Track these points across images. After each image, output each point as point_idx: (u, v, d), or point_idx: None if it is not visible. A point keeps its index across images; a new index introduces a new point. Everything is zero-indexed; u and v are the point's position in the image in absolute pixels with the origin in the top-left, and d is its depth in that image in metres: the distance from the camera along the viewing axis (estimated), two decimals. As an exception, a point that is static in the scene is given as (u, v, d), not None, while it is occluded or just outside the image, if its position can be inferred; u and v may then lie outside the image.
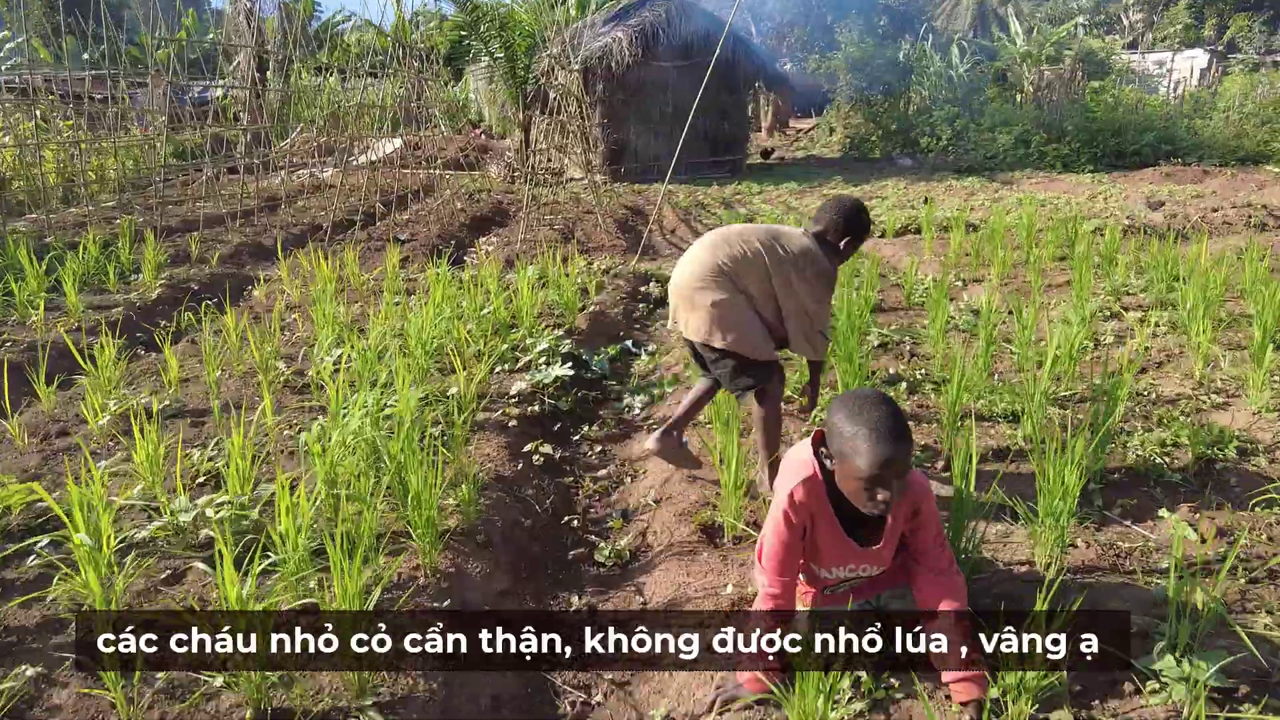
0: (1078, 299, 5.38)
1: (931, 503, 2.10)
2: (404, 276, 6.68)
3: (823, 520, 2.05)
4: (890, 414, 1.86)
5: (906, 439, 1.86)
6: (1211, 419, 3.83)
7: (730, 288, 2.93)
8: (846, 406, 1.92)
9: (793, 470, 2.08)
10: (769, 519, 2.09)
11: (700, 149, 15.04)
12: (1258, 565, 2.66)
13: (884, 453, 1.81)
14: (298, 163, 14.24)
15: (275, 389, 4.06)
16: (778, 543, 2.04)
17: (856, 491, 1.90)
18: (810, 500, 2.02)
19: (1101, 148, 14.25)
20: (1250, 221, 8.66)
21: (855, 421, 1.87)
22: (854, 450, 1.85)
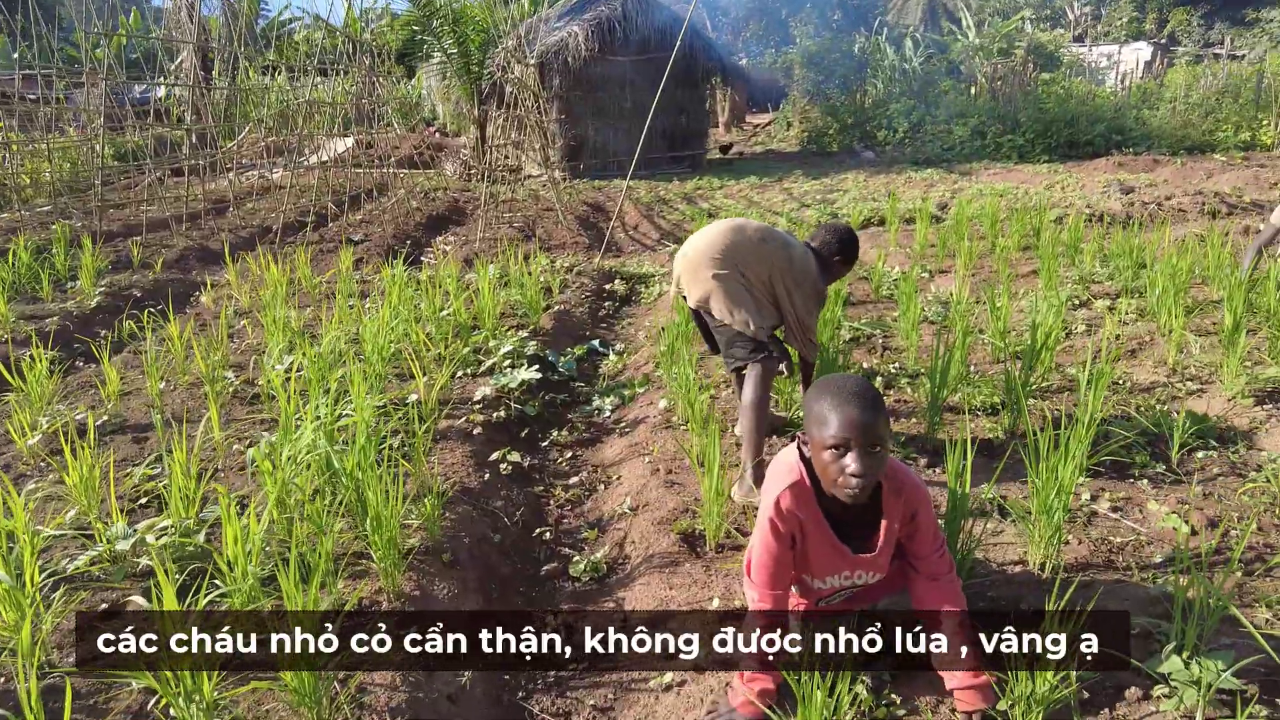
0: (1048, 289, 5.35)
1: (929, 509, 1.99)
2: (358, 278, 6.44)
3: (813, 527, 1.94)
4: (859, 383, 1.83)
5: (875, 406, 1.79)
6: (1189, 406, 3.79)
7: (733, 269, 3.10)
8: (817, 387, 1.89)
9: (779, 475, 1.97)
10: (756, 529, 1.98)
11: (660, 145, 14.91)
12: (1250, 556, 2.60)
13: (849, 414, 1.76)
14: (246, 164, 13.80)
15: (223, 400, 3.82)
16: (766, 554, 1.93)
17: (828, 469, 1.81)
18: (798, 506, 1.91)
19: (1055, 138, 14.42)
20: (1204, 209, 8.78)
21: (822, 391, 1.84)
22: (821, 419, 1.79)
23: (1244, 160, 12.27)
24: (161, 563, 2.23)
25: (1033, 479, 2.53)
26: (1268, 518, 2.82)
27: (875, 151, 16.00)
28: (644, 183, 12.98)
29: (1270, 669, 2.04)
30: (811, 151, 17.19)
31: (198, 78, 13.69)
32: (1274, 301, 4.45)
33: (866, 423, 1.76)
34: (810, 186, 11.76)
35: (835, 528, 1.95)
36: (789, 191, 11.40)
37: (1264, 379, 3.85)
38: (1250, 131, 14.15)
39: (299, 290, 5.96)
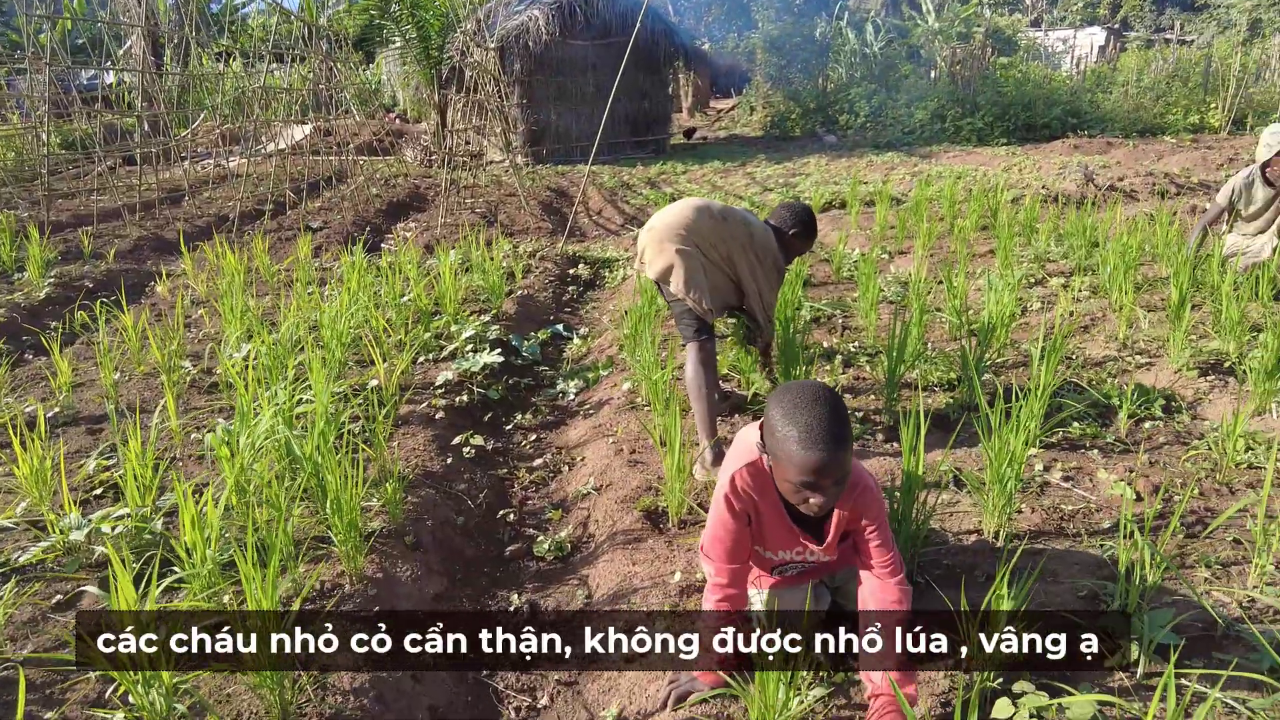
0: (1003, 267, 5.45)
1: (881, 511, 1.94)
2: (317, 266, 6.35)
3: (767, 506, 1.95)
4: (827, 415, 1.70)
5: (841, 444, 1.69)
6: (1137, 378, 3.90)
7: (695, 246, 3.18)
8: (783, 404, 1.76)
9: (738, 454, 1.98)
10: (713, 504, 1.99)
11: (623, 129, 14.86)
12: (1191, 519, 2.70)
13: (814, 459, 1.67)
14: (201, 152, 13.49)
15: (180, 389, 3.76)
16: (722, 529, 1.94)
17: (790, 492, 1.80)
18: (754, 487, 1.92)
19: (1013, 121, 14.62)
20: (1155, 189, 8.98)
21: (789, 421, 1.72)
22: (786, 454, 1.72)
23: (1193, 142, 12.56)
24: (118, 551, 2.21)
25: (986, 450, 2.59)
26: (1208, 483, 2.92)
27: (837, 136, 16.10)
28: (607, 167, 12.94)
29: (1207, 624, 2.13)
30: (774, 136, 17.25)
31: (147, 63, 13.34)
32: (1217, 278, 4.59)
33: (832, 466, 1.69)
34: (773, 171, 11.82)
35: (789, 509, 1.95)
36: (752, 176, 11.45)
37: (1207, 351, 3.98)
38: (1199, 114, 14.48)
39: (257, 279, 5.87)
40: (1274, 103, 14.13)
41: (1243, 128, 13.80)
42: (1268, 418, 3.41)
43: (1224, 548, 2.50)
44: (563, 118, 14.45)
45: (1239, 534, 2.54)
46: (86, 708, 1.90)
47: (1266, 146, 4.82)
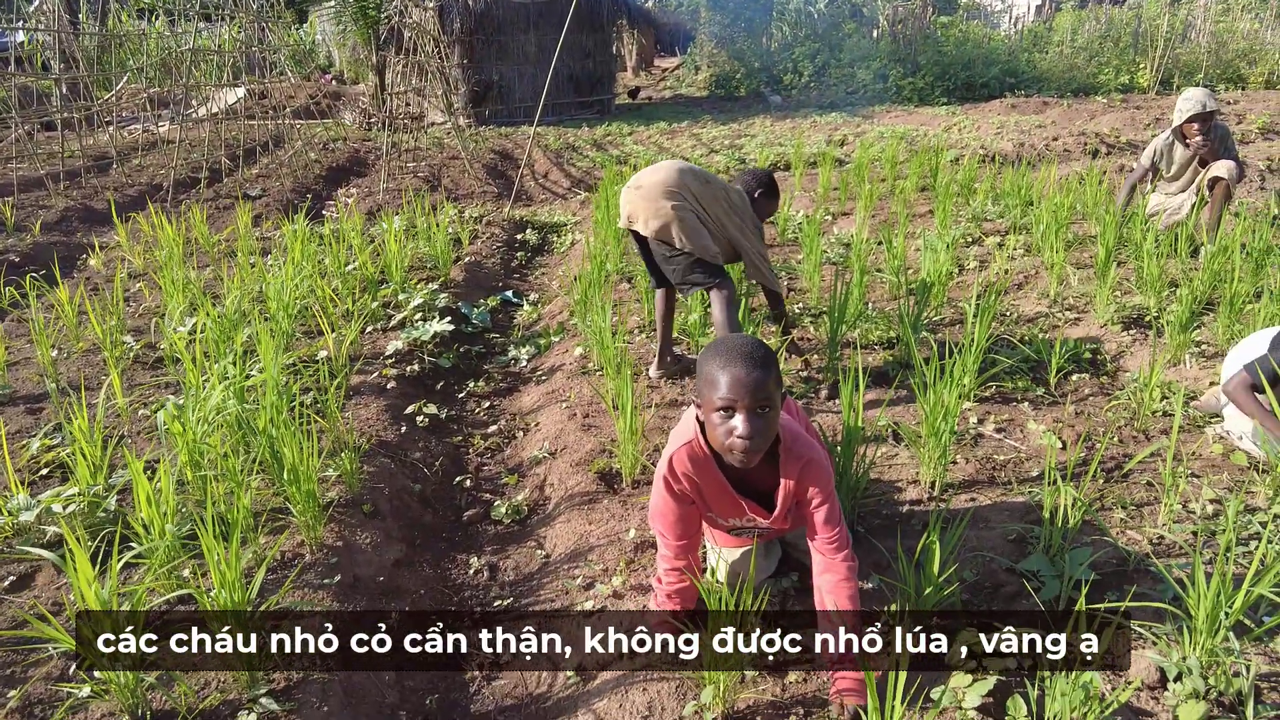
0: (941, 227, 5.61)
1: (829, 483, 1.96)
2: (258, 235, 6.22)
3: (709, 483, 1.96)
4: (749, 343, 1.79)
5: (764, 365, 1.75)
6: (1066, 333, 4.09)
7: (690, 202, 3.34)
8: (709, 346, 1.87)
9: (677, 435, 1.99)
10: (653, 493, 2.01)
11: (566, 90, 14.67)
12: (1110, 465, 2.88)
13: (735, 374, 1.73)
14: (127, 117, 12.94)
15: (125, 365, 3.70)
16: (664, 506, 1.98)
17: (716, 430, 1.79)
18: (693, 468, 1.93)
19: (953, 81, 14.84)
20: (1086, 148, 9.26)
21: (713, 352, 1.81)
22: (711, 380, 1.77)
23: (1123, 102, 12.92)
24: (72, 530, 2.21)
25: (922, 406, 2.72)
26: (1127, 430, 3.11)
27: (782, 96, 16.15)
28: (552, 129, 12.80)
29: (1121, 560, 2.30)
30: (719, 96, 17.21)
31: (61, 21, 12.68)
32: (1140, 235, 4.80)
33: (754, 382, 1.72)
34: (719, 132, 11.83)
35: (736, 486, 1.96)
36: (698, 137, 11.45)
37: (1130, 307, 4.18)
38: (1129, 74, 14.87)
39: (196, 250, 5.73)
40: (1199, 63, 14.58)
41: (1170, 87, 14.23)
42: (1182, 368, 3.63)
43: (1139, 490, 2.68)
44: (505, 78, 14.21)
45: (1152, 477, 2.73)
46: (51, 684, 1.91)
47: (1180, 111, 5.04)
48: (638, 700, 1.89)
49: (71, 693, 1.85)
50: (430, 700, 2.07)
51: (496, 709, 2.04)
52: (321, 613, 1.94)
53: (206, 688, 1.89)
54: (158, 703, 1.85)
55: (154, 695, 1.86)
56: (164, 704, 1.84)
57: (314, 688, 1.88)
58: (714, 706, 1.84)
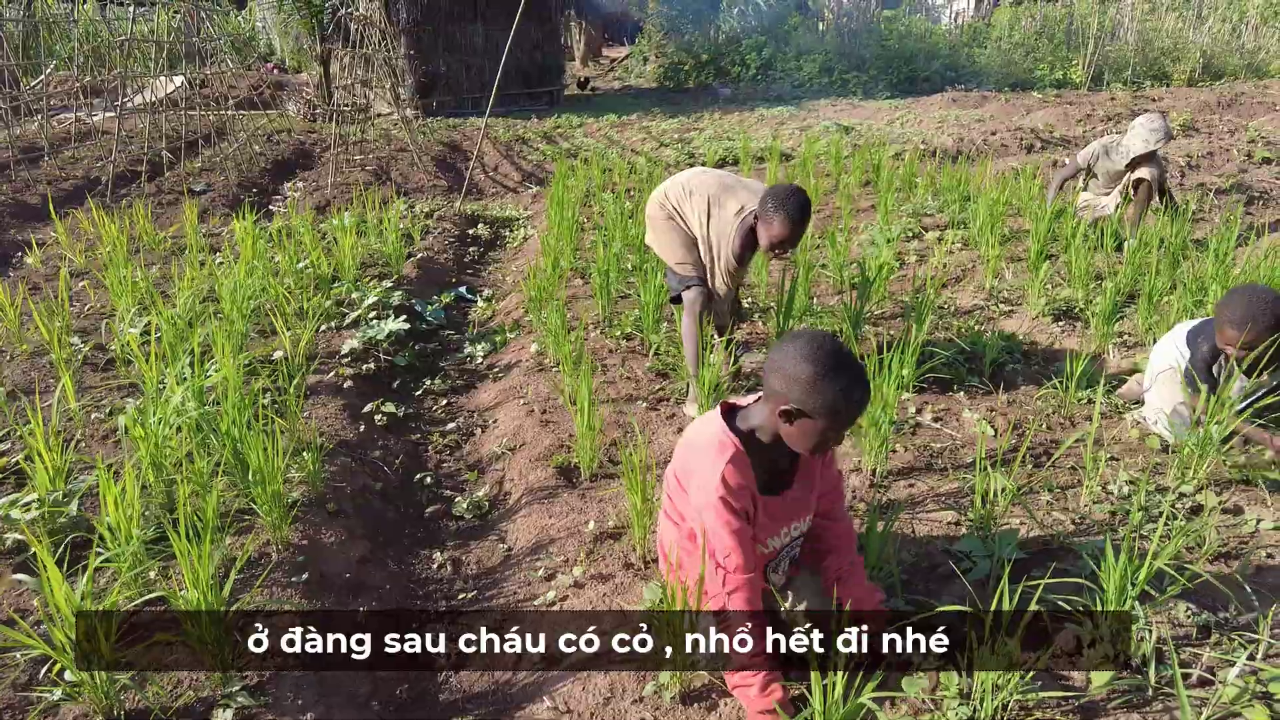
0: (883, 223, 5.81)
1: (836, 465, 2.12)
2: (205, 231, 6.14)
3: (755, 495, 1.91)
4: (861, 368, 1.82)
5: (870, 385, 1.88)
6: (1001, 325, 4.31)
7: (673, 209, 3.44)
8: (816, 358, 1.76)
9: (711, 455, 1.86)
10: (709, 524, 1.84)
11: (515, 81, 14.60)
12: (1039, 451, 3.08)
13: (858, 405, 1.79)
14: (58, 106, 12.50)
15: (74, 367, 3.66)
16: (730, 535, 1.82)
17: (810, 439, 1.79)
18: (744, 477, 1.86)
19: (897, 75, 15.18)
20: (1022, 143, 9.59)
21: (835, 378, 1.74)
22: (835, 408, 1.75)
23: (1057, 98, 13.37)
24: (36, 536, 2.23)
25: (864, 398, 2.87)
26: (1055, 418, 3.31)
27: (731, 88, 16.31)
28: (501, 120, 12.76)
29: (1047, 539, 2.48)
30: (668, 88, 17.30)
31: (-12, 7, 12.17)
32: (1069, 230, 5.05)
33: (867, 406, 1.84)
34: (669, 125, 11.94)
35: (760, 485, 1.94)
36: (648, 130, 11.53)
37: (1060, 299, 4.41)
38: (1063, 71, 15.38)
39: (141, 247, 5.64)
40: (1127, 60, 15.15)
41: (1101, 83, 14.77)
42: (1105, 357, 3.86)
43: (1063, 474, 2.88)
44: (452, 69, 14.10)
45: (1076, 461, 2.92)
46: (19, 690, 1.94)
47: (1144, 140, 5.19)
48: (599, 683, 2.00)
49: (43, 696, 1.88)
50: (401, 690, 2.15)
51: (464, 697, 2.13)
52: (292, 611, 2.01)
53: (180, 686, 1.94)
54: (131, 702, 1.89)
55: (127, 695, 1.90)
56: (138, 703, 1.89)
57: (288, 681, 1.95)
58: (671, 685, 1.96)
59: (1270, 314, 2.71)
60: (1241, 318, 2.74)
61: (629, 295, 4.72)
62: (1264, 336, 2.72)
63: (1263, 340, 2.72)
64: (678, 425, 3.32)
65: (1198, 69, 15.13)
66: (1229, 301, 2.82)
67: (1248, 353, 2.77)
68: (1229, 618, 2.12)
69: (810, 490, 2.03)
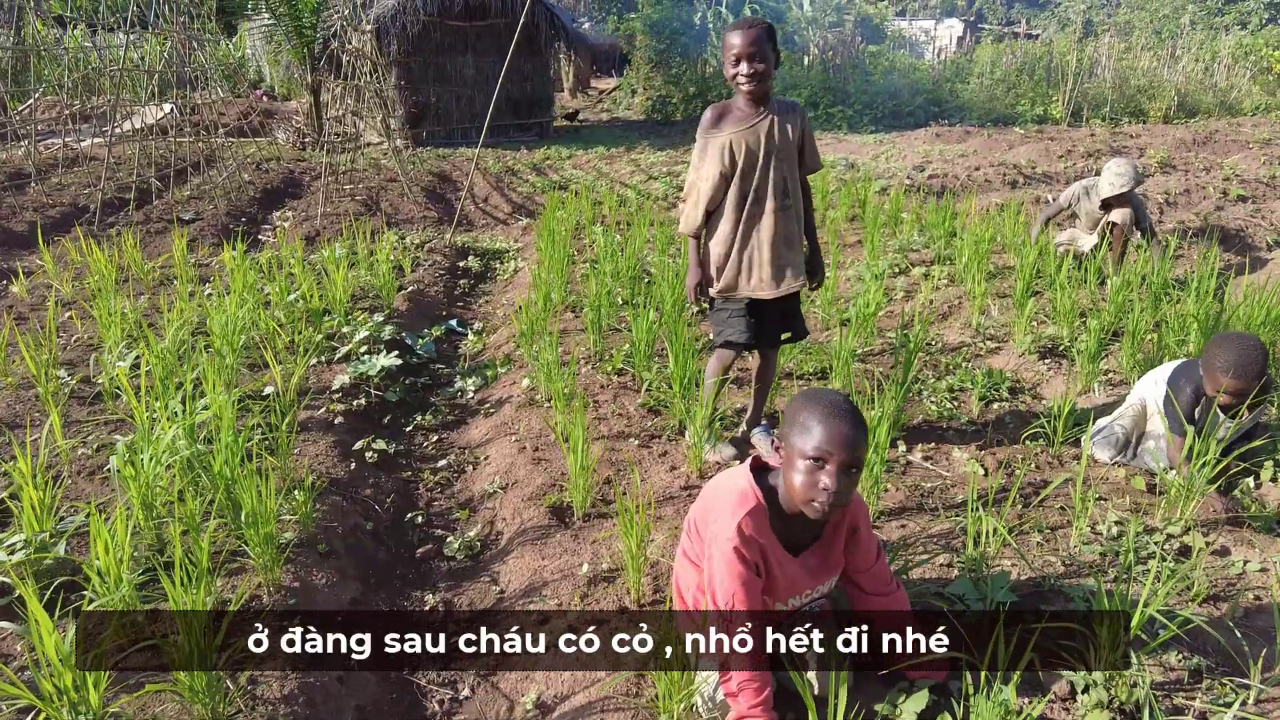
0: (870, 259, 5.88)
1: (868, 519, 2.07)
2: (194, 261, 6.12)
3: (771, 551, 1.91)
4: (848, 401, 1.84)
5: (862, 426, 1.81)
6: (988, 363, 4.36)
7: None
8: (802, 397, 1.87)
9: (731, 503, 1.89)
10: (714, 565, 1.85)
11: (505, 112, 14.73)
12: (1028, 490, 3.10)
13: (837, 428, 1.76)
14: (45, 131, 12.48)
15: (60, 401, 3.63)
16: (739, 586, 1.82)
17: (800, 481, 1.79)
18: (759, 531, 1.87)
19: (881, 109, 15.44)
20: (1005, 179, 9.76)
21: (810, 401, 1.82)
22: (805, 428, 1.78)
23: (1038, 133, 13.62)
24: (22, 579, 2.20)
25: (856, 438, 2.89)
26: (1043, 456, 3.35)
27: (717, 121, 16.49)
28: (491, 151, 12.84)
29: (1038, 580, 2.50)
30: (656, 121, 17.50)
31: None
32: (1054, 267, 5.13)
33: (853, 440, 1.77)
34: (657, 158, 12.06)
35: (788, 544, 1.95)
36: (637, 163, 11.65)
37: (1045, 337, 4.47)
38: (1044, 106, 15.70)
39: (129, 277, 5.62)
40: (1105, 97, 15.48)
41: (1080, 119, 15.07)
42: (1092, 395, 3.91)
43: (1052, 514, 2.90)
44: (442, 99, 14.21)
45: (1064, 501, 2.95)
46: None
47: (1110, 184, 5.37)
48: (595, 731, 1.98)
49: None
50: (392, 737, 2.12)
51: (457, 744, 2.10)
52: (284, 656, 1.98)
53: (168, 734, 1.91)
54: (119, 752, 1.86)
55: (114, 744, 1.87)
56: (126, 753, 1.86)
57: (279, 731, 1.92)
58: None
59: (1258, 364, 2.79)
60: (1231, 365, 2.82)
61: (620, 330, 4.74)
62: (1251, 385, 2.79)
63: (1250, 388, 2.79)
64: (670, 463, 3.32)
65: (1173, 106, 15.48)
66: (1219, 348, 2.89)
67: (1231, 399, 2.82)
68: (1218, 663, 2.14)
69: (830, 554, 2.01)
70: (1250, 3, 23.83)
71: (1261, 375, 2.81)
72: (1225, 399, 2.86)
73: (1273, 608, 2.31)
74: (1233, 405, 2.88)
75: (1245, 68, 17.24)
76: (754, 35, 2.88)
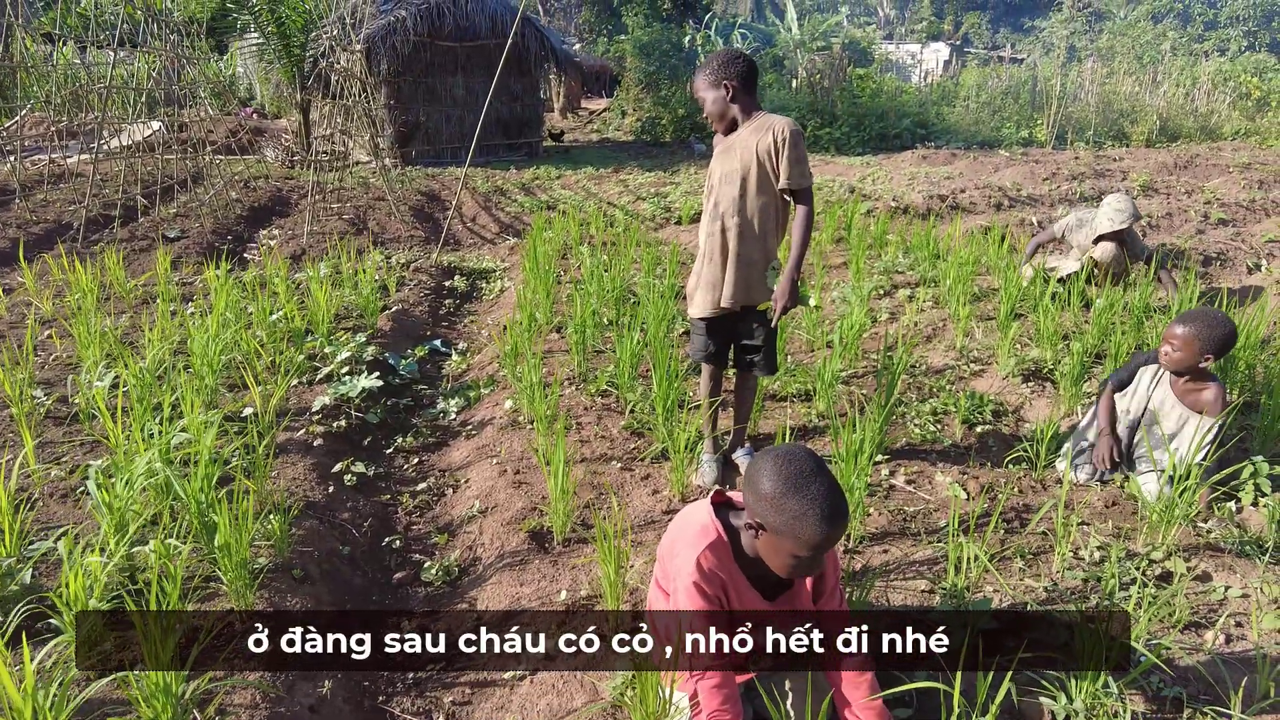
0: (856, 281, 5.90)
1: (836, 565, 2.04)
2: (178, 280, 6.09)
3: (735, 587, 1.87)
4: (831, 487, 1.71)
5: (847, 514, 1.74)
6: (971, 385, 4.36)
7: None
8: (782, 475, 1.70)
9: (692, 537, 1.86)
10: (681, 603, 1.81)
11: (494, 132, 14.80)
12: (1011, 515, 3.10)
13: (829, 534, 1.68)
14: (31, 146, 12.44)
15: (35, 421, 3.58)
16: (701, 622, 1.78)
17: (778, 562, 1.76)
18: (719, 565, 1.84)
19: (868, 131, 15.57)
20: (990, 201, 9.83)
21: (800, 495, 1.68)
22: (795, 529, 1.68)
23: (1023, 156, 13.77)
24: (-13, 606, 2.15)
25: (836, 460, 2.89)
26: (1026, 481, 3.34)
27: (706, 144, 16.61)
28: (480, 171, 12.87)
29: (1020, 606, 2.48)
30: (646, 142, 17.60)
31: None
32: (1038, 290, 5.16)
33: (841, 533, 1.72)
34: (645, 179, 12.10)
35: (753, 580, 1.91)
36: (625, 184, 11.69)
37: (1029, 360, 4.49)
38: (1028, 130, 15.88)
39: (112, 295, 5.57)
40: (1088, 121, 15.68)
41: (1064, 143, 15.25)
42: (1075, 418, 3.91)
43: (1035, 539, 2.89)
44: (432, 119, 14.26)
45: (1047, 526, 2.94)
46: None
47: (1110, 220, 5.43)
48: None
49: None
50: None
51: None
52: (254, 687, 1.94)
53: (132, 768, 1.86)
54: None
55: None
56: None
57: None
58: None
59: (1224, 329, 3.07)
60: (1195, 323, 3.07)
61: (604, 351, 4.73)
62: (1207, 348, 3.06)
63: (1205, 351, 3.06)
64: (653, 486, 3.30)
65: (1154, 130, 15.68)
66: (1189, 314, 3.15)
67: (1169, 346, 3.11)
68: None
69: (797, 599, 1.98)
70: (1229, 30, 24.26)
71: (1226, 341, 3.08)
72: (1166, 350, 3.13)
73: (1253, 634, 2.31)
74: (1176, 364, 3.12)
75: (1225, 93, 17.51)
76: (693, 83, 3.17)
